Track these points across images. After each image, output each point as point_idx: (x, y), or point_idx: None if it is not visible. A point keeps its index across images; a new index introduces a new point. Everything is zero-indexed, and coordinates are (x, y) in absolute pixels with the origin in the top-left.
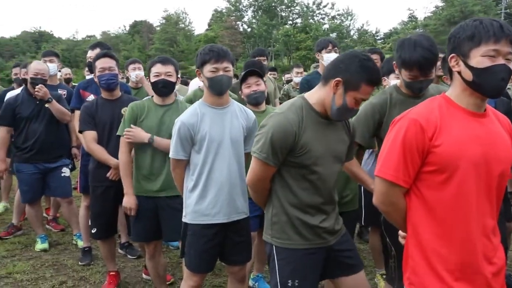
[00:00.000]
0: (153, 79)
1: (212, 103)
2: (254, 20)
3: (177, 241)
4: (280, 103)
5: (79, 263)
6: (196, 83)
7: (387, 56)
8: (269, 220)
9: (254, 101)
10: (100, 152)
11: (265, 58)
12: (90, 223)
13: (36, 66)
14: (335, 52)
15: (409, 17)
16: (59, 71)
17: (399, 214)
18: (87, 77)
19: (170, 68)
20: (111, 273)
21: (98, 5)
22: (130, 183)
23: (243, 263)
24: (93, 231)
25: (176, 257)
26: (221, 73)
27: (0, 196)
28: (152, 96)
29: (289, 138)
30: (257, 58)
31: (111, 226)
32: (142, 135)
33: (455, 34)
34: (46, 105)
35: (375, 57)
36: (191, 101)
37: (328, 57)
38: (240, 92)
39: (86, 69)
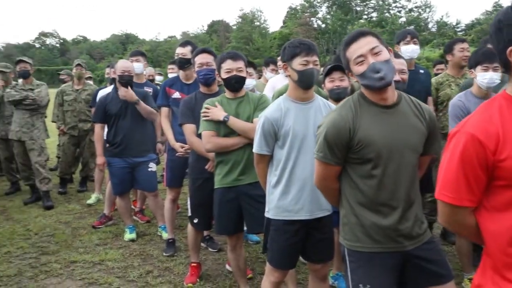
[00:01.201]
0: (224, 75)
1: (297, 97)
2: (328, 16)
3: (256, 236)
4: None
5: (164, 254)
6: (275, 80)
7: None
8: (340, 221)
9: (336, 96)
10: (200, 145)
11: None
12: (190, 214)
13: (123, 64)
14: (414, 43)
15: (494, 6)
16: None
17: (470, 232)
18: (170, 75)
19: (240, 64)
20: (193, 264)
21: (179, 7)
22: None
23: (325, 261)
24: (195, 221)
25: (255, 252)
26: (311, 66)
27: (93, 187)
28: (224, 92)
29: (344, 135)
30: None
31: (211, 217)
32: (218, 113)
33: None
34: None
35: (464, 45)
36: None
37: (406, 49)
38: (323, 85)
39: (169, 66)
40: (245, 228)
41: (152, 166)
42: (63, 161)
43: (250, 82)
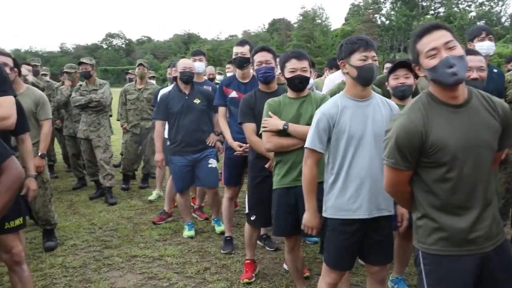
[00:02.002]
0: (288, 75)
1: (355, 95)
2: (392, 12)
3: (314, 237)
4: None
5: (221, 251)
6: (332, 78)
7: None
8: (414, 223)
9: (400, 94)
10: (260, 144)
11: None
12: (248, 211)
13: (184, 61)
14: (490, 40)
15: None
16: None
17: None
18: (229, 74)
19: (305, 63)
20: (248, 261)
21: (240, 6)
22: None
23: (384, 264)
24: (252, 218)
25: (312, 252)
26: (370, 61)
27: (154, 184)
28: (287, 92)
29: (415, 139)
30: None
31: (269, 214)
32: (276, 122)
33: None
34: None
35: None
36: (335, 94)
37: (481, 46)
38: (386, 83)
39: (227, 65)
40: None
41: (213, 163)
42: (125, 158)
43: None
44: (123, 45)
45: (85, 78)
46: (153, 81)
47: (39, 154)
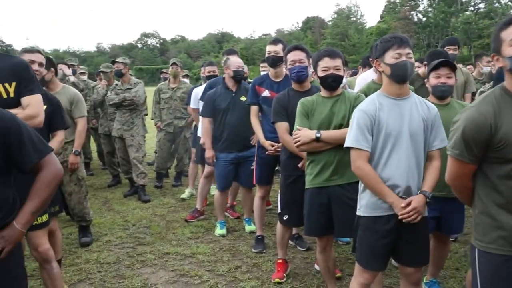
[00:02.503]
0: (321, 74)
1: (391, 93)
2: (430, 9)
3: (347, 237)
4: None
5: (252, 250)
6: (364, 77)
7: None
8: (473, 220)
9: (439, 93)
10: (292, 143)
11: (456, 47)
12: (280, 211)
13: (236, 60)
14: None
15: None
16: None
17: None
18: (263, 73)
19: (338, 62)
20: (280, 260)
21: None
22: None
23: (418, 265)
24: (284, 218)
25: (344, 253)
26: (404, 58)
27: (187, 182)
28: (320, 91)
29: (483, 132)
30: (446, 47)
31: (301, 214)
32: (308, 133)
33: None
34: None
35: None
36: (365, 94)
37: None
38: (426, 80)
39: (261, 64)
40: None
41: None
42: (159, 156)
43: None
44: (158, 45)
45: (118, 77)
46: (187, 80)
47: (73, 151)
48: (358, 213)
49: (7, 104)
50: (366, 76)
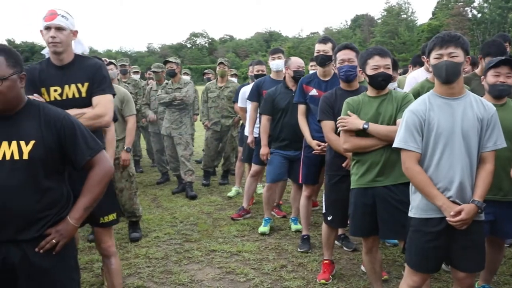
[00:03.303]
0: (370, 72)
1: (442, 93)
2: (485, 5)
3: (394, 239)
4: None
5: (298, 249)
6: (414, 76)
7: None
8: None
9: (496, 92)
10: (338, 143)
11: (508, 44)
12: (325, 211)
13: (297, 60)
14: None
15: None
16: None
17: None
18: (311, 72)
19: (388, 61)
20: (326, 261)
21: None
22: None
23: (472, 271)
24: (329, 218)
25: (392, 255)
26: (444, 59)
27: (234, 181)
28: (367, 90)
29: None
30: None
31: (346, 214)
32: (356, 121)
33: None
34: None
35: None
36: (418, 93)
37: None
38: (482, 77)
39: (311, 63)
40: None
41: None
42: (206, 155)
43: (391, 86)
44: (206, 44)
45: (171, 77)
46: (235, 79)
47: (124, 148)
48: (409, 214)
49: (79, 103)
50: (416, 75)
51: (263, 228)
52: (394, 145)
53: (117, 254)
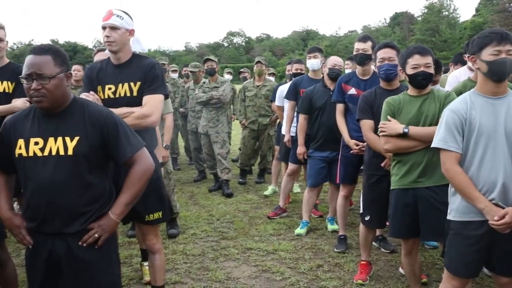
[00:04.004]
0: (410, 71)
1: (486, 91)
2: None
3: (434, 241)
4: None
5: (335, 249)
6: (456, 75)
7: None
8: None
9: None
10: (377, 142)
11: None
12: (362, 211)
13: (334, 59)
14: None
15: None
16: None
17: None
18: (347, 71)
19: (429, 59)
20: (363, 262)
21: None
22: None
23: None
24: (366, 219)
25: (431, 258)
26: (503, 55)
27: (270, 180)
28: (407, 89)
29: None
30: None
31: (384, 215)
32: (396, 126)
33: None
34: None
35: None
36: (460, 93)
37: None
38: None
39: (346, 62)
40: None
41: None
42: (243, 153)
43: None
44: (243, 43)
45: (210, 75)
46: (272, 78)
47: (163, 145)
48: (449, 217)
49: (130, 102)
50: (458, 74)
51: (300, 230)
52: (433, 145)
53: (162, 251)
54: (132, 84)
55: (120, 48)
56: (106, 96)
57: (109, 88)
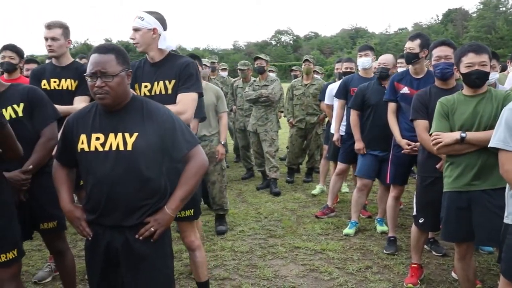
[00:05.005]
0: (464, 70)
1: None
2: None
3: (490, 246)
4: None
5: (384, 251)
6: None
7: None
8: None
9: None
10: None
11: None
12: (416, 213)
13: (383, 57)
14: None
15: None
16: None
17: None
18: (399, 70)
19: (484, 57)
20: (414, 265)
21: None
22: None
23: None
24: (420, 221)
25: (486, 263)
26: None
27: (318, 179)
28: (462, 89)
29: None
30: None
31: (438, 218)
32: (451, 135)
33: None
34: None
35: None
36: None
37: None
38: None
39: (398, 60)
40: None
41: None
42: (290, 152)
43: (492, 76)
44: (291, 41)
45: (259, 73)
46: (319, 77)
47: (221, 142)
48: (506, 220)
49: (164, 100)
50: None
51: (348, 230)
52: (491, 145)
53: (202, 247)
54: (167, 82)
55: (145, 48)
56: (142, 94)
57: (145, 86)
